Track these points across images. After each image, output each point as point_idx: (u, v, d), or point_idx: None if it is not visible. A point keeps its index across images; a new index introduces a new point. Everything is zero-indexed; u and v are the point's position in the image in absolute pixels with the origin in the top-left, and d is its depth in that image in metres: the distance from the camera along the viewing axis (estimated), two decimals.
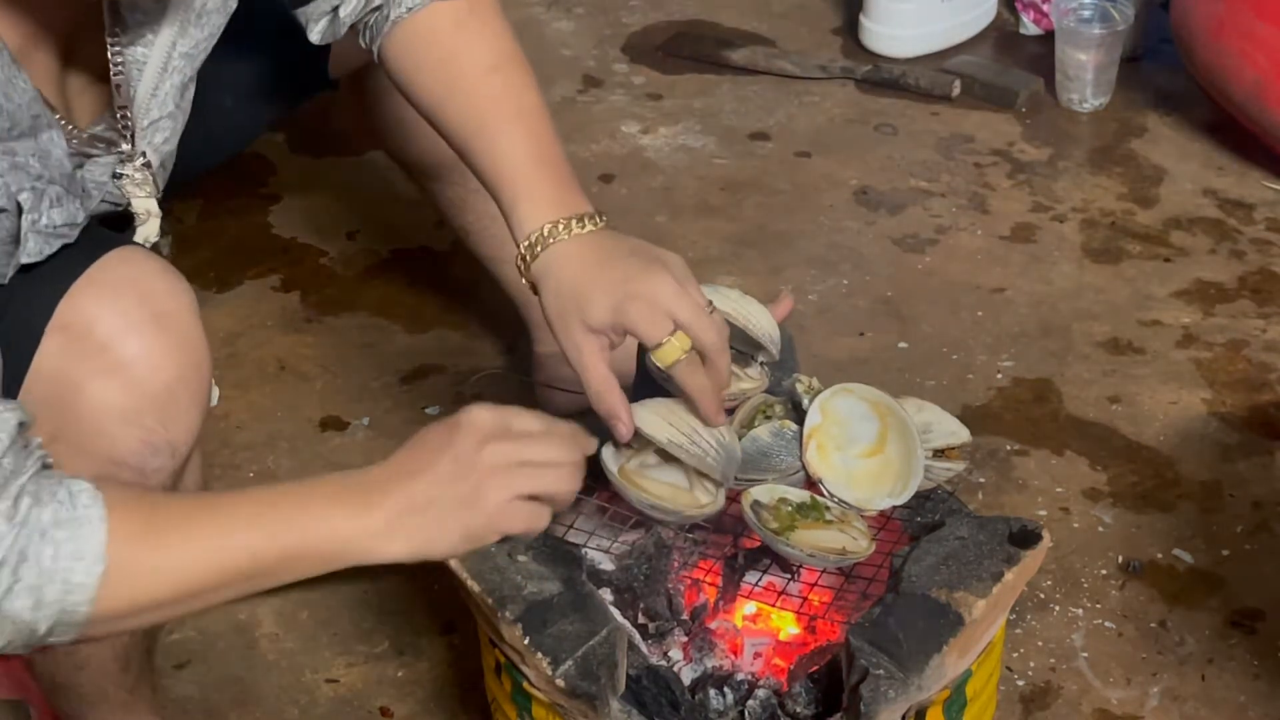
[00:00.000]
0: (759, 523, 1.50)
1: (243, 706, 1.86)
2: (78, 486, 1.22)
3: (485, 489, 1.30)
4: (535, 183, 1.53)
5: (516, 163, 1.54)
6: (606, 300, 1.47)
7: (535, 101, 1.59)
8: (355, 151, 2.69)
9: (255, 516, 1.27)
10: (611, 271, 1.48)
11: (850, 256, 2.52)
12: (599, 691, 1.42)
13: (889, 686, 1.40)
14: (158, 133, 1.56)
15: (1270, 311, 2.39)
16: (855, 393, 1.57)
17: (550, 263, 1.50)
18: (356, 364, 2.34)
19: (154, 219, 1.58)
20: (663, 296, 1.45)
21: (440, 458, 1.31)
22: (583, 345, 1.49)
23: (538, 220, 1.51)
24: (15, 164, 1.35)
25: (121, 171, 1.53)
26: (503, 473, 1.31)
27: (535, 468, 1.33)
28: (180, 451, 1.47)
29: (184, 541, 1.25)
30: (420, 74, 1.60)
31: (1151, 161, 2.73)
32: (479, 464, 1.31)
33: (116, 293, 1.43)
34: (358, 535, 1.28)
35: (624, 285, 1.46)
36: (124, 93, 1.51)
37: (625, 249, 1.50)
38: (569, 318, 1.49)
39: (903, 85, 2.92)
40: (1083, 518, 2.06)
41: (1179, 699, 1.83)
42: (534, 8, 3.21)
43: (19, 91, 1.36)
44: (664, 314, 1.46)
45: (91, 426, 1.40)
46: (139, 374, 1.42)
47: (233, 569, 1.26)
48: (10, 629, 1.21)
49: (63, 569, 1.20)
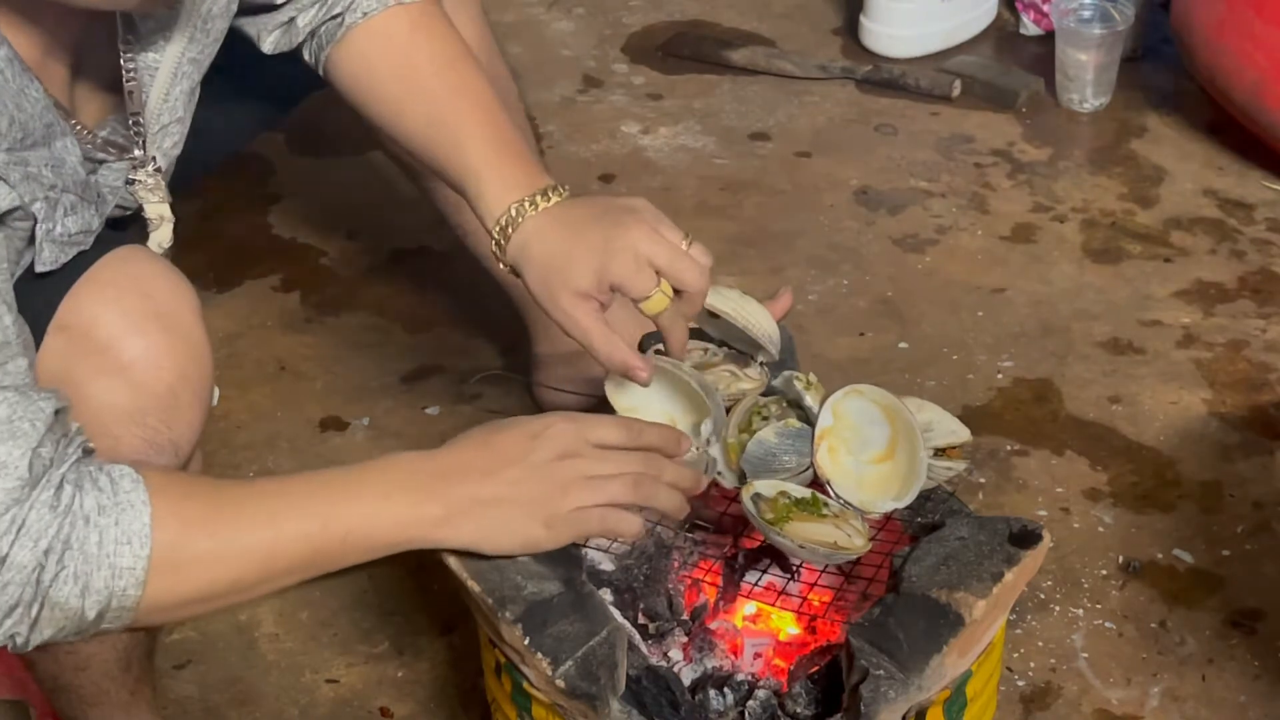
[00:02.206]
0: (756, 513, 1.50)
1: (243, 706, 1.86)
2: (119, 472, 1.26)
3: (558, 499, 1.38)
4: (495, 167, 1.57)
5: (476, 151, 1.58)
6: (590, 262, 1.50)
7: (488, 92, 1.62)
8: (355, 151, 2.69)
9: (308, 501, 1.33)
10: (589, 235, 1.51)
11: (850, 256, 2.52)
12: (599, 692, 1.42)
13: (889, 687, 1.40)
14: (167, 138, 1.56)
15: (1270, 311, 2.39)
16: (866, 394, 1.57)
17: (525, 241, 1.53)
18: (356, 364, 2.34)
19: (167, 224, 1.58)
20: (643, 247, 1.49)
21: (513, 466, 1.37)
22: (575, 312, 1.51)
23: (504, 202, 1.55)
24: (28, 174, 1.35)
25: (134, 178, 1.53)
26: (575, 486, 1.38)
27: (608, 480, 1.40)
28: (183, 451, 1.47)
29: (234, 529, 1.30)
30: (376, 77, 1.63)
31: (1151, 161, 2.73)
32: (553, 476, 1.38)
33: (118, 292, 1.44)
34: (416, 522, 1.35)
35: (604, 245, 1.50)
36: (136, 99, 1.51)
37: (596, 211, 1.53)
38: (555, 289, 1.52)
39: (903, 85, 2.92)
40: (1083, 518, 2.06)
41: (1179, 699, 1.83)
42: (534, 8, 3.21)
43: (31, 101, 1.36)
44: (647, 264, 1.49)
45: (94, 426, 1.41)
46: (141, 374, 1.43)
47: (290, 555, 1.31)
48: (60, 616, 1.24)
49: (109, 554, 1.23)
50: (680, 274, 1.50)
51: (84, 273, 1.43)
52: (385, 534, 1.35)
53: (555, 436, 1.39)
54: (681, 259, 1.50)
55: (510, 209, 1.54)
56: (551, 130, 2.80)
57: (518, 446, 1.38)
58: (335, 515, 1.33)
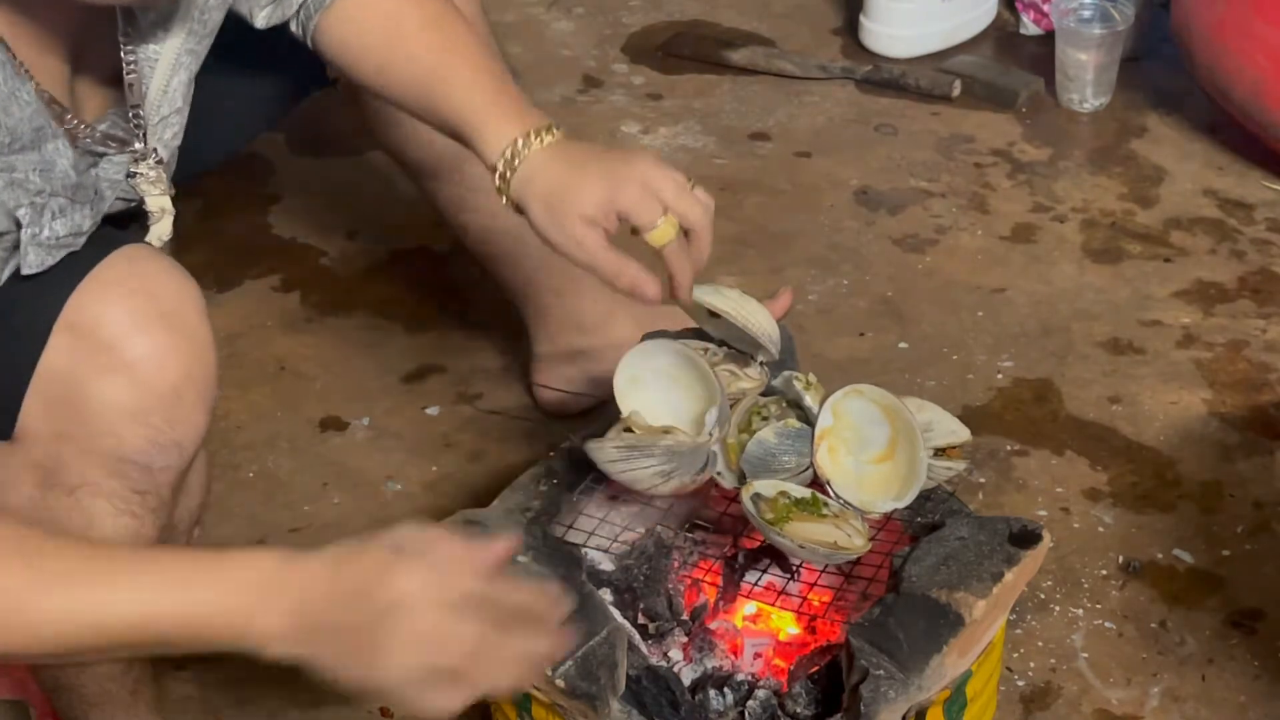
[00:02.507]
0: (755, 513, 1.50)
1: (243, 706, 1.86)
2: None
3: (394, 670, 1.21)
4: (494, 108, 1.58)
5: (472, 99, 1.59)
6: (598, 188, 1.51)
7: (476, 43, 1.65)
8: (355, 151, 2.69)
9: (140, 582, 1.18)
10: (596, 164, 1.53)
11: (850, 256, 2.52)
12: (599, 692, 1.42)
13: (889, 687, 1.40)
14: (168, 129, 1.56)
15: (1270, 311, 2.39)
16: (866, 394, 1.57)
17: (530, 174, 1.55)
18: (356, 364, 2.34)
19: (168, 216, 1.58)
20: (651, 178, 1.51)
21: (375, 629, 1.20)
22: (584, 238, 1.52)
23: (507, 137, 1.56)
24: (14, 180, 1.35)
25: (135, 170, 1.53)
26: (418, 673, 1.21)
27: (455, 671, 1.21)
28: (187, 451, 1.47)
29: (65, 597, 1.17)
30: (365, 39, 1.64)
31: (1151, 161, 2.73)
32: (401, 656, 1.20)
33: (123, 291, 1.44)
34: (249, 631, 1.19)
35: (611, 173, 1.52)
36: (136, 91, 1.51)
37: (598, 147, 1.57)
38: (564, 216, 1.53)
39: (903, 85, 2.92)
40: (1083, 518, 2.06)
41: (1179, 699, 1.83)
42: (534, 8, 3.20)
43: (21, 105, 1.36)
44: (654, 196, 1.51)
45: (98, 426, 1.40)
46: (146, 373, 1.42)
47: (113, 633, 1.17)
48: None
49: None
50: (687, 209, 1.52)
51: (89, 272, 1.43)
52: (206, 632, 1.19)
53: (413, 607, 1.19)
54: (687, 195, 1.52)
55: (516, 141, 1.55)
56: None
57: (378, 604, 1.19)
58: (163, 602, 1.18)
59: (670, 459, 1.52)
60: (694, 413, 1.58)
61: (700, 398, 1.58)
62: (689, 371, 1.58)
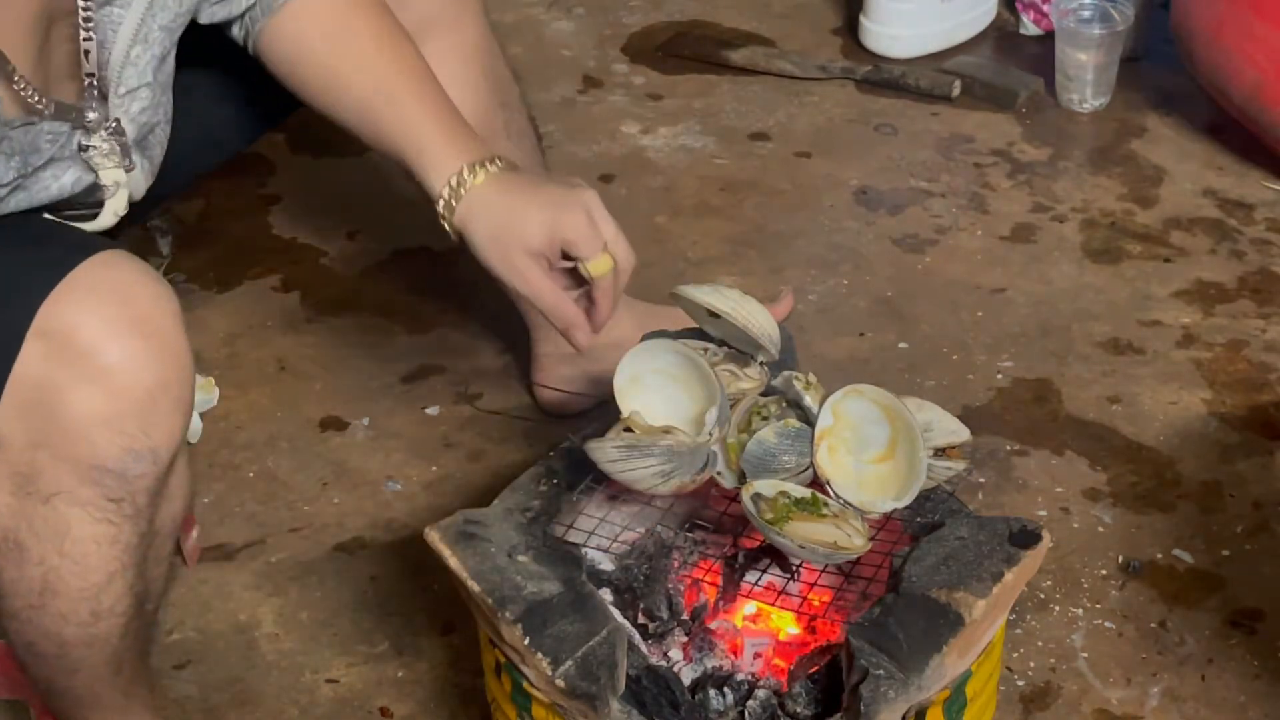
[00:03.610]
0: (755, 513, 1.50)
1: (243, 706, 1.86)
2: None
3: None
4: (441, 133, 1.62)
5: (419, 119, 1.62)
6: (542, 219, 1.56)
7: (424, 65, 1.67)
8: (355, 151, 2.69)
9: None
10: (538, 196, 1.58)
11: (850, 256, 2.53)
12: (599, 692, 1.42)
13: (889, 686, 1.40)
14: (135, 101, 1.55)
15: (1270, 311, 2.40)
16: (865, 394, 1.57)
17: (473, 204, 1.59)
18: (356, 364, 2.34)
19: (122, 190, 1.57)
20: (594, 210, 1.57)
21: None
22: (526, 270, 1.58)
23: (450, 168, 1.60)
24: None
25: (88, 143, 1.52)
26: None
27: None
28: (162, 458, 1.45)
29: None
30: (313, 49, 1.66)
31: (1151, 161, 2.73)
32: None
33: (98, 298, 1.41)
34: None
35: (555, 205, 1.56)
36: (93, 58, 1.50)
37: (539, 178, 1.61)
38: (507, 247, 1.58)
39: (903, 85, 2.92)
40: (1083, 518, 2.06)
41: (1179, 699, 1.84)
42: (534, 8, 3.21)
43: None
44: (596, 228, 1.57)
45: (73, 433, 1.39)
46: (120, 380, 1.40)
47: None
48: None
49: None
50: (623, 253, 1.59)
51: (63, 278, 1.42)
52: None
53: None
54: (623, 238, 1.58)
55: (461, 170, 1.59)
56: (551, 130, 2.80)
57: None
58: None
59: (670, 459, 1.52)
60: (694, 413, 1.58)
61: (700, 398, 1.58)
62: (689, 371, 1.58)
